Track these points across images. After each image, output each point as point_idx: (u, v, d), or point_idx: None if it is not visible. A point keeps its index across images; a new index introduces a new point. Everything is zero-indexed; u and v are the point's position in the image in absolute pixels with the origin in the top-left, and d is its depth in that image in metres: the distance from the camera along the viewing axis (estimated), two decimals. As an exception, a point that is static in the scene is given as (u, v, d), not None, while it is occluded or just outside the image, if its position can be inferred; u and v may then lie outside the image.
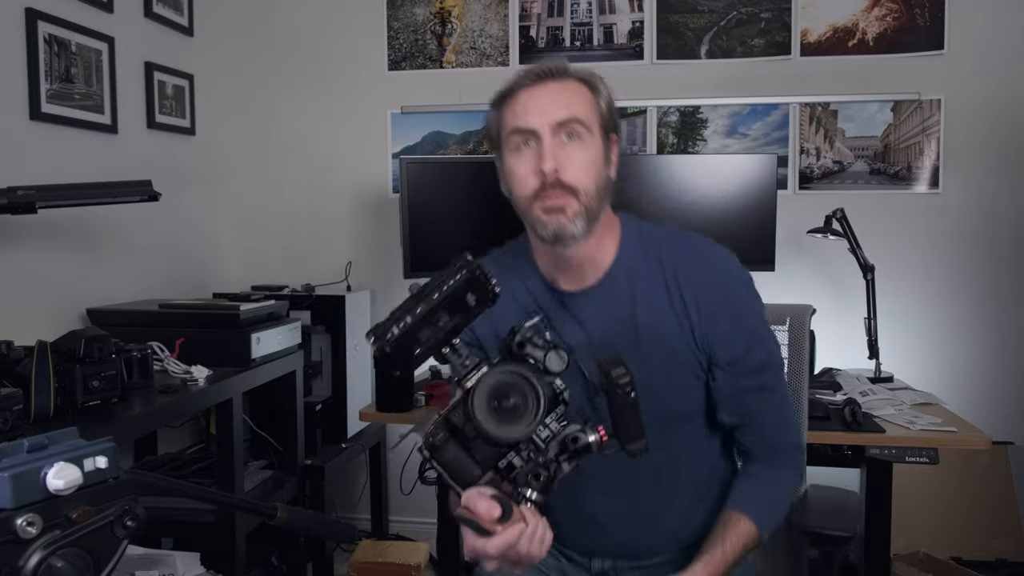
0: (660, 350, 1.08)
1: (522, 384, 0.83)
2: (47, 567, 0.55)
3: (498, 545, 0.81)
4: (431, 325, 0.81)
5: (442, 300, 0.80)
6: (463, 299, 0.81)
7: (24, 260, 1.96)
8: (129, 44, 2.36)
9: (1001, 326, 2.66)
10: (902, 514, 2.24)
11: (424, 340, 0.82)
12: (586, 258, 1.09)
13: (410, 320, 0.80)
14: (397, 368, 0.84)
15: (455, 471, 0.86)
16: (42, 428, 1.09)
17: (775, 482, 1.15)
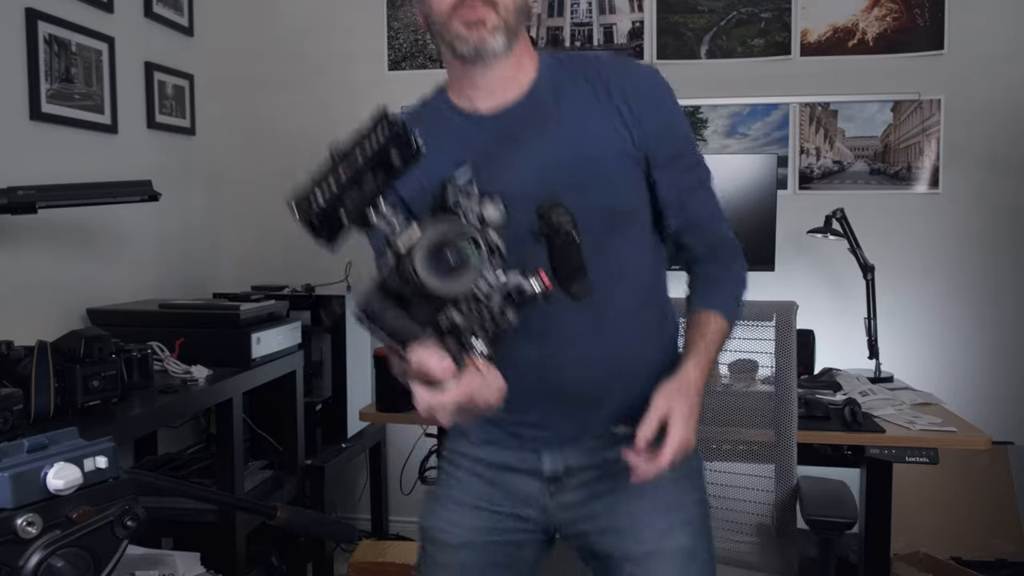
0: (594, 161, 1.06)
1: (460, 237, 0.79)
2: (47, 567, 0.55)
3: (457, 395, 0.81)
4: (356, 188, 0.77)
5: (367, 161, 0.76)
6: (387, 158, 0.77)
7: (24, 260, 1.96)
8: (129, 44, 2.36)
9: (1001, 326, 2.66)
10: (902, 514, 2.24)
11: (350, 206, 0.78)
12: (507, 77, 1.08)
13: (335, 186, 0.76)
14: (325, 239, 0.79)
15: (396, 332, 0.83)
16: (42, 428, 1.09)
17: (729, 274, 1.15)
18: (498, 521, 1.14)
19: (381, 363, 2.13)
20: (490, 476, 1.15)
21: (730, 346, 1.84)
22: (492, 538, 1.14)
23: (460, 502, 1.16)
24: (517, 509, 1.14)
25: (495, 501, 1.15)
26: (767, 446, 1.75)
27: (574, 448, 1.12)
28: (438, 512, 1.18)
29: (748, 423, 1.77)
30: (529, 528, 1.15)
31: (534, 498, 1.13)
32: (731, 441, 1.79)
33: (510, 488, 1.14)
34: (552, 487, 1.13)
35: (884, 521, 1.95)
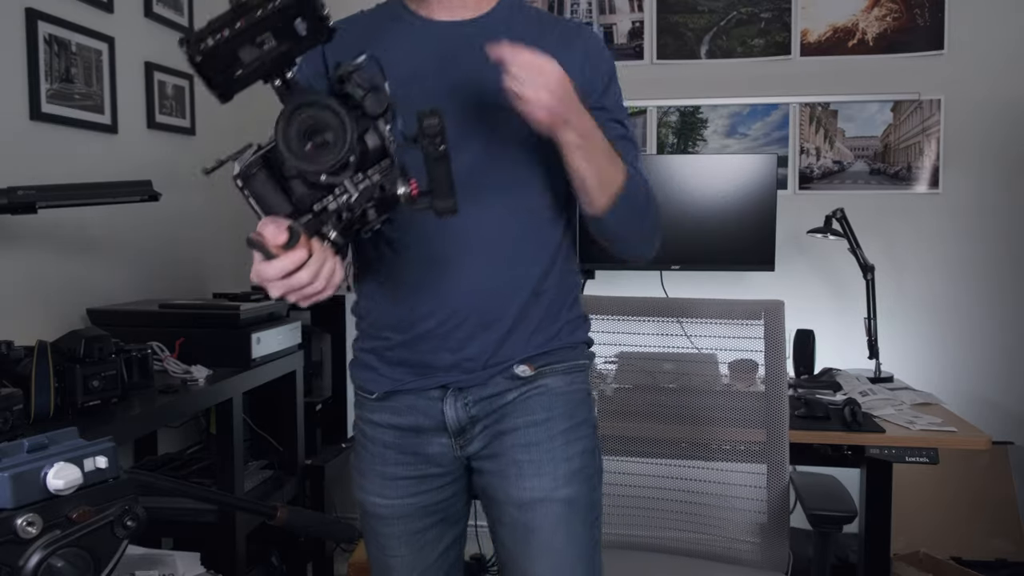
0: None
1: (332, 119, 0.79)
2: (47, 567, 0.55)
3: (277, 269, 0.82)
4: (253, 45, 0.77)
5: (264, 17, 0.75)
6: (290, 23, 0.76)
7: (24, 260, 1.96)
8: (129, 44, 2.36)
9: (1001, 326, 2.66)
10: (902, 514, 2.25)
11: (247, 61, 0.78)
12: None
13: (227, 33, 0.75)
14: (217, 87, 0.80)
15: (265, 203, 0.85)
16: (42, 428, 1.09)
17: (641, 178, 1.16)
18: (421, 485, 1.18)
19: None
20: (400, 443, 1.17)
21: (725, 345, 1.86)
22: (421, 502, 1.18)
23: (383, 475, 1.19)
24: (433, 468, 1.18)
25: (412, 467, 1.18)
26: (760, 445, 1.75)
27: (474, 393, 1.14)
28: (366, 487, 1.21)
29: (741, 423, 1.77)
30: (450, 479, 1.19)
31: (445, 455, 1.17)
32: (724, 441, 1.79)
33: (422, 452, 1.17)
34: (459, 441, 1.16)
35: (884, 521, 1.95)
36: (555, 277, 1.17)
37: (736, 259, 2.53)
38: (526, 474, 1.13)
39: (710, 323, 1.82)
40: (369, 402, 1.21)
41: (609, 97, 1.16)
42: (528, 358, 1.15)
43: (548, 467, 1.13)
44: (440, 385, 1.14)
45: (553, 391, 1.16)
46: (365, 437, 1.22)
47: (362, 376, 1.22)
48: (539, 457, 1.13)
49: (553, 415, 1.15)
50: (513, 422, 1.15)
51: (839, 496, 1.69)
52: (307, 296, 0.87)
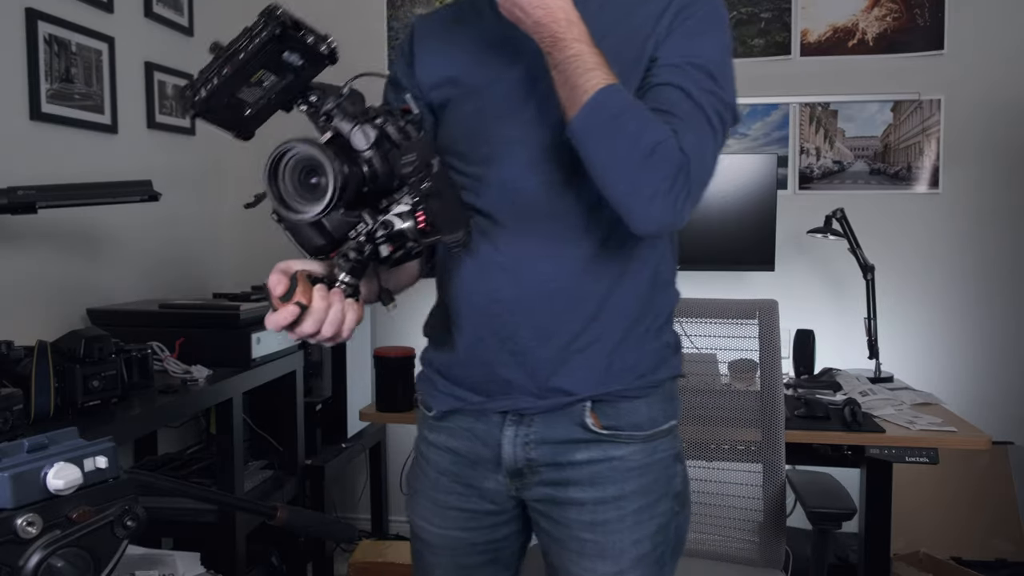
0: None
1: (319, 161, 0.76)
2: (47, 567, 0.55)
3: (275, 321, 0.83)
4: (252, 85, 0.76)
5: (248, 59, 0.73)
6: (278, 57, 0.75)
7: (24, 260, 1.96)
8: (129, 44, 2.36)
9: (1001, 326, 2.66)
10: (902, 514, 2.25)
11: (251, 101, 0.77)
12: None
13: (216, 81, 0.74)
14: (232, 129, 0.80)
15: (300, 237, 0.86)
16: (42, 428, 1.09)
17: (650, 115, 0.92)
18: (473, 520, 1.09)
19: (381, 363, 2.13)
20: (455, 471, 1.08)
21: (723, 344, 1.86)
22: (472, 538, 1.09)
23: (436, 502, 1.11)
24: (487, 505, 1.08)
25: (466, 499, 1.08)
26: (756, 445, 1.76)
27: (537, 428, 1.02)
28: (416, 509, 1.14)
29: (737, 422, 1.78)
30: (505, 518, 1.09)
31: (500, 493, 1.07)
32: (721, 440, 1.80)
33: (476, 485, 1.07)
34: (516, 483, 1.05)
35: (884, 521, 1.95)
36: (637, 289, 1.01)
37: (736, 259, 2.53)
38: (588, 554, 1.03)
39: (709, 323, 1.82)
40: (429, 420, 1.13)
41: (693, 45, 0.95)
42: (598, 400, 1.01)
43: (612, 551, 1.02)
44: (501, 411, 1.03)
45: (628, 464, 1.02)
46: (423, 457, 1.14)
47: (423, 389, 1.15)
48: (604, 539, 1.02)
49: (626, 492, 1.02)
50: (578, 495, 1.02)
51: (838, 493, 1.69)
52: (321, 342, 0.86)
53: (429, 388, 1.12)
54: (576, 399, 1.01)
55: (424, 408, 1.14)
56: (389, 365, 2.11)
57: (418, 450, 1.16)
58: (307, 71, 0.77)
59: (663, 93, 0.93)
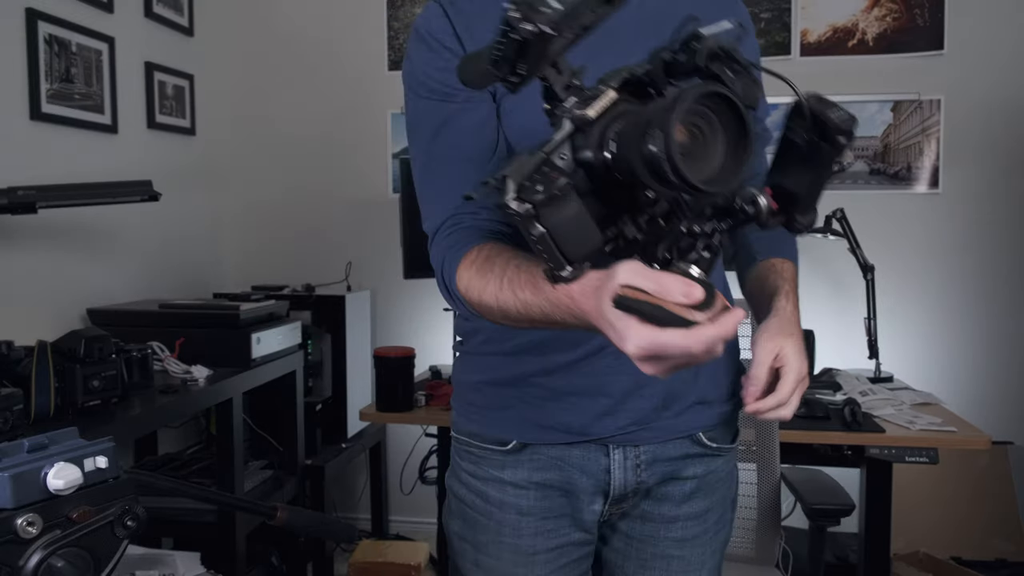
0: None
1: (725, 111, 0.53)
2: (47, 567, 0.55)
3: (709, 337, 0.54)
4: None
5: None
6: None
7: (24, 260, 1.96)
8: (129, 44, 2.36)
9: (1001, 326, 2.66)
10: (902, 514, 2.25)
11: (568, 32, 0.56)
12: None
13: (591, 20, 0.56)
14: (473, 75, 0.60)
15: (568, 235, 0.54)
16: (42, 428, 1.09)
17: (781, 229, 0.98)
18: (564, 556, 0.97)
19: (381, 363, 2.13)
20: (542, 507, 0.95)
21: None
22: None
23: (518, 550, 0.95)
24: (579, 534, 0.97)
25: (556, 536, 0.96)
26: (751, 444, 1.76)
27: (648, 450, 0.94)
28: (490, 565, 0.97)
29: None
30: (591, 549, 1.00)
31: (593, 522, 0.97)
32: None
33: (569, 515, 0.96)
34: (615, 508, 0.97)
35: (884, 521, 1.95)
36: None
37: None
38: (674, 570, 0.99)
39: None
40: (495, 455, 0.95)
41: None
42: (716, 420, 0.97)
43: (696, 564, 1.00)
44: (601, 438, 0.93)
45: (720, 475, 1.01)
46: (486, 502, 0.96)
47: (485, 419, 0.97)
48: (691, 554, 0.99)
49: (712, 505, 1.00)
50: (673, 511, 0.97)
51: (835, 490, 1.70)
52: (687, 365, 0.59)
53: (495, 414, 0.96)
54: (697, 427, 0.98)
55: (484, 443, 0.97)
56: (389, 365, 2.11)
57: (472, 494, 0.98)
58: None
59: None
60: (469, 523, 0.99)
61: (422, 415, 2.11)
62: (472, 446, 0.98)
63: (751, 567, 1.74)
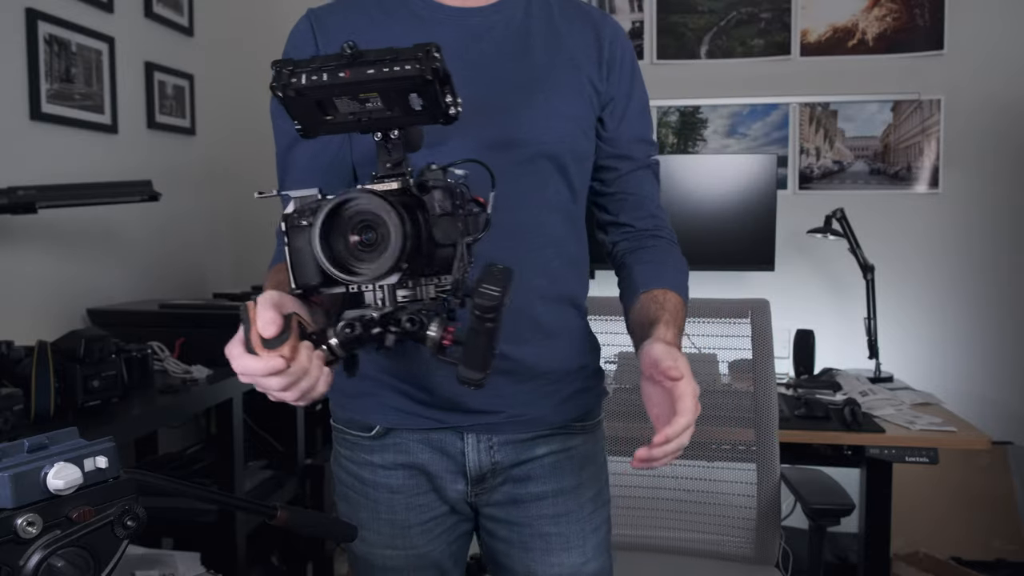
0: (556, 82, 0.98)
1: (386, 221, 0.65)
2: (47, 567, 0.55)
3: (252, 367, 0.69)
4: (355, 100, 0.68)
5: (374, 80, 0.65)
6: (404, 96, 0.67)
7: (24, 260, 1.96)
8: (129, 44, 2.36)
9: (1001, 326, 2.66)
10: (902, 514, 2.25)
11: (342, 111, 0.69)
12: None
13: (325, 79, 0.67)
14: (300, 122, 0.72)
15: (298, 263, 0.71)
16: (42, 428, 1.09)
17: (672, 258, 1.06)
18: (436, 529, 1.05)
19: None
20: (411, 485, 1.03)
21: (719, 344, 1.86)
22: (436, 550, 1.06)
23: (393, 523, 1.04)
24: (447, 507, 1.05)
25: (427, 511, 1.04)
26: (750, 444, 1.76)
27: (501, 435, 1.01)
28: (371, 539, 1.05)
29: (732, 422, 1.78)
30: (463, 518, 1.08)
31: (459, 501, 1.05)
32: (718, 440, 1.80)
33: (435, 490, 1.04)
34: (476, 489, 1.04)
35: (884, 521, 1.95)
36: (581, 279, 1.07)
37: (736, 259, 2.53)
38: (554, 548, 1.04)
39: (704, 322, 1.83)
40: (364, 441, 1.05)
41: (634, 104, 1.06)
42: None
43: (577, 540, 1.04)
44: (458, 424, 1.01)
45: (583, 452, 1.07)
46: (362, 483, 1.05)
47: (353, 407, 1.06)
48: (568, 530, 1.04)
49: (583, 480, 1.06)
50: (540, 488, 1.04)
51: (835, 490, 1.70)
52: (277, 399, 0.74)
53: (362, 402, 1.04)
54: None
55: (352, 430, 1.06)
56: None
57: (351, 478, 1.07)
58: (417, 118, 0.69)
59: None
60: (351, 503, 1.07)
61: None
62: (345, 433, 1.07)
63: (751, 567, 1.74)
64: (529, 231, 0.98)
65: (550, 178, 0.99)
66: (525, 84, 0.97)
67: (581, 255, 1.07)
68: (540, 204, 0.99)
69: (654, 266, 1.04)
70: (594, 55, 1.01)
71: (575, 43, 1.01)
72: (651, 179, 1.09)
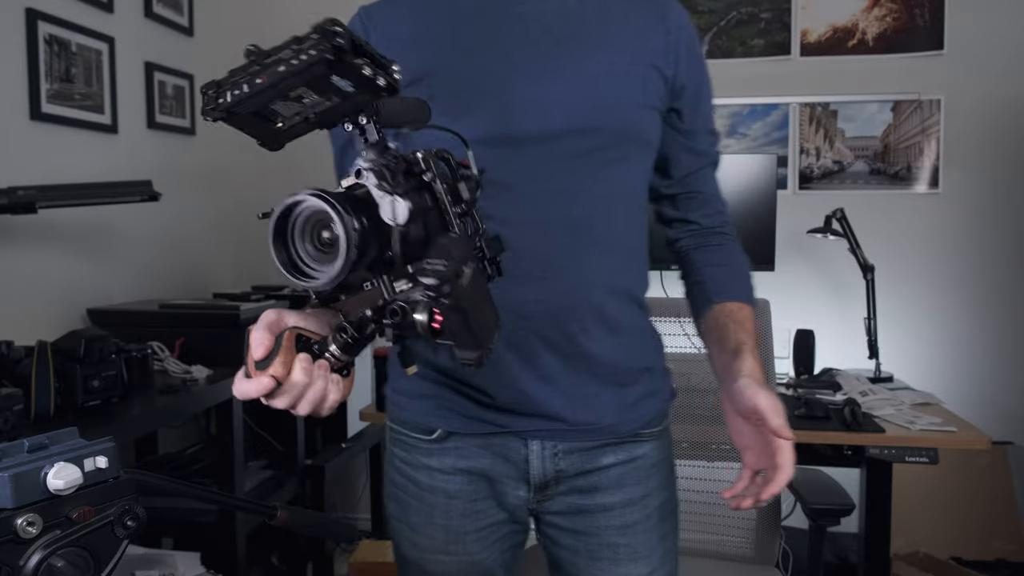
0: (617, 69, 0.94)
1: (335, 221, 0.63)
2: (47, 567, 0.55)
3: (243, 390, 0.70)
4: (291, 100, 0.65)
5: (287, 76, 0.62)
6: (325, 79, 0.62)
7: (24, 260, 1.96)
8: (129, 44, 2.36)
9: (1001, 326, 2.66)
10: (902, 514, 2.24)
11: (287, 115, 0.66)
12: None
13: (246, 90, 0.64)
14: (259, 138, 0.69)
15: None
16: (42, 428, 1.09)
17: (742, 261, 1.09)
18: (491, 536, 1.03)
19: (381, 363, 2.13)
20: (470, 490, 1.00)
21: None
22: (490, 558, 1.04)
23: (447, 529, 1.01)
24: (505, 515, 1.03)
25: (483, 517, 1.01)
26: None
27: (566, 442, 0.98)
28: (422, 543, 1.03)
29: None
30: (520, 528, 1.06)
31: (520, 508, 1.02)
32: (718, 440, 1.80)
33: (495, 498, 1.01)
34: (539, 496, 1.01)
35: (884, 521, 1.95)
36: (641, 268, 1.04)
37: (736, 259, 2.53)
38: (622, 559, 1.01)
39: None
40: (423, 443, 1.02)
41: (705, 93, 1.03)
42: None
43: (644, 550, 1.01)
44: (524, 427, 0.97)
45: (651, 460, 1.03)
46: (417, 487, 1.02)
47: (413, 408, 1.02)
48: (635, 540, 1.01)
49: (650, 490, 1.02)
50: (608, 499, 1.00)
51: (835, 490, 1.70)
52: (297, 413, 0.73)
53: (422, 404, 1.01)
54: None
55: (412, 433, 1.03)
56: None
57: (405, 480, 1.04)
58: (358, 97, 0.65)
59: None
60: (402, 506, 1.04)
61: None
62: (402, 434, 1.04)
63: (751, 567, 1.74)
64: (589, 223, 0.94)
65: (611, 167, 0.95)
66: (584, 71, 0.93)
67: (642, 248, 1.03)
68: (601, 195, 0.95)
69: (725, 272, 1.04)
70: (660, 41, 0.97)
71: (638, 28, 0.96)
72: (714, 174, 1.08)
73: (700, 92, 1.02)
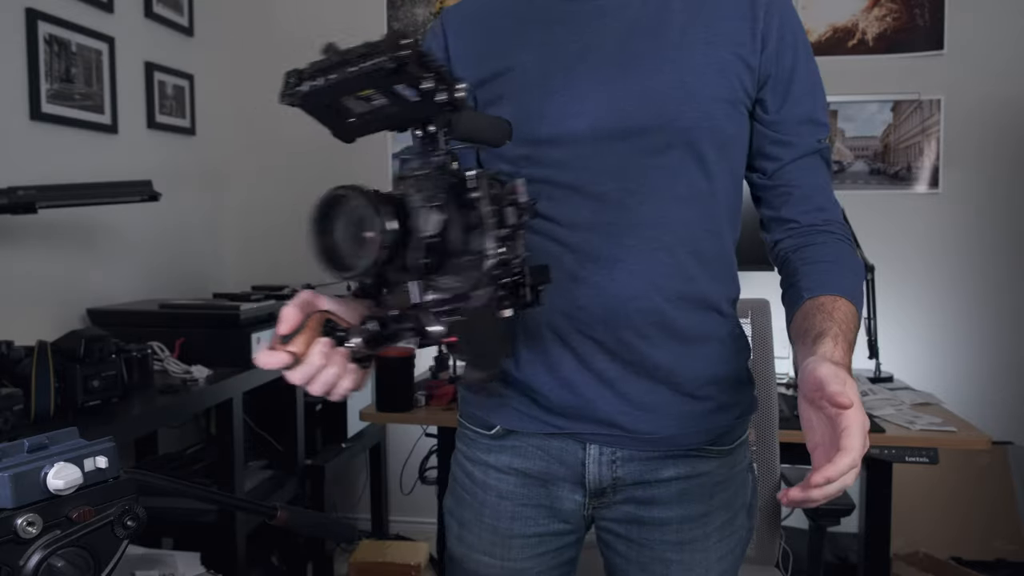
0: (694, 59, 0.89)
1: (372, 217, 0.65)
2: (47, 567, 0.55)
3: (262, 360, 0.70)
4: (360, 99, 0.67)
5: (355, 77, 0.64)
6: (389, 86, 0.65)
7: (24, 260, 1.96)
8: (129, 44, 2.36)
9: (1001, 326, 2.66)
10: (902, 514, 2.24)
11: (356, 112, 0.69)
12: None
13: (322, 83, 0.66)
14: (332, 129, 0.72)
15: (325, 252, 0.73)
16: (42, 428, 1.09)
17: (847, 258, 0.95)
18: (542, 545, 1.00)
19: (381, 363, 2.13)
20: (523, 492, 0.98)
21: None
22: (539, 566, 1.00)
23: (495, 531, 1.00)
24: (559, 524, 1.00)
25: (535, 523, 0.99)
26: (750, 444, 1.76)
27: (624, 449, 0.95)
28: (470, 541, 1.02)
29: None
30: (574, 538, 1.02)
31: (576, 512, 0.99)
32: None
33: (548, 505, 0.99)
34: (595, 502, 0.98)
35: (884, 521, 1.95)
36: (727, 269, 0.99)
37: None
38: (673, 575, 0.98)
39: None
40: (483, 439, 1.01)
41: (799, 79, 0.96)
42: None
43: (699, 569, 0.98)
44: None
45: (716, 478, 0.98)
46: (472, 482, 1.02)
47: (477, 402, 1.01)
48: (691, 559, 0.97)
49: (712, 508, 0.98)
50: (665, 514, 0.96)
51: None
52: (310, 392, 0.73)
53: (488, 399, 1.00)
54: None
55: (474, 427, 1.02)
56: (389, 365, 2.11)
57: (462, 473, 1.04)
58: (423, 108, 0.66)
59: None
60: (458, 500, 1.04)
61: (422, 415, 2.11)
62: (467, 428, 1.04)
63: (751, 567, 1.74)
64: (656, 227, 0.90)
65: (683, 167, 0.90)
66: (658, 63, 0.89)
67: (722, 253, 0.98)
68: (670, 198, 0.90)
69: (823, 267, 0.93)
70: (746, 26, 0.93)
71: (721, 14, 0.92)
72: (820, 166, 0.97)
73: (793, 78, 0.96)
